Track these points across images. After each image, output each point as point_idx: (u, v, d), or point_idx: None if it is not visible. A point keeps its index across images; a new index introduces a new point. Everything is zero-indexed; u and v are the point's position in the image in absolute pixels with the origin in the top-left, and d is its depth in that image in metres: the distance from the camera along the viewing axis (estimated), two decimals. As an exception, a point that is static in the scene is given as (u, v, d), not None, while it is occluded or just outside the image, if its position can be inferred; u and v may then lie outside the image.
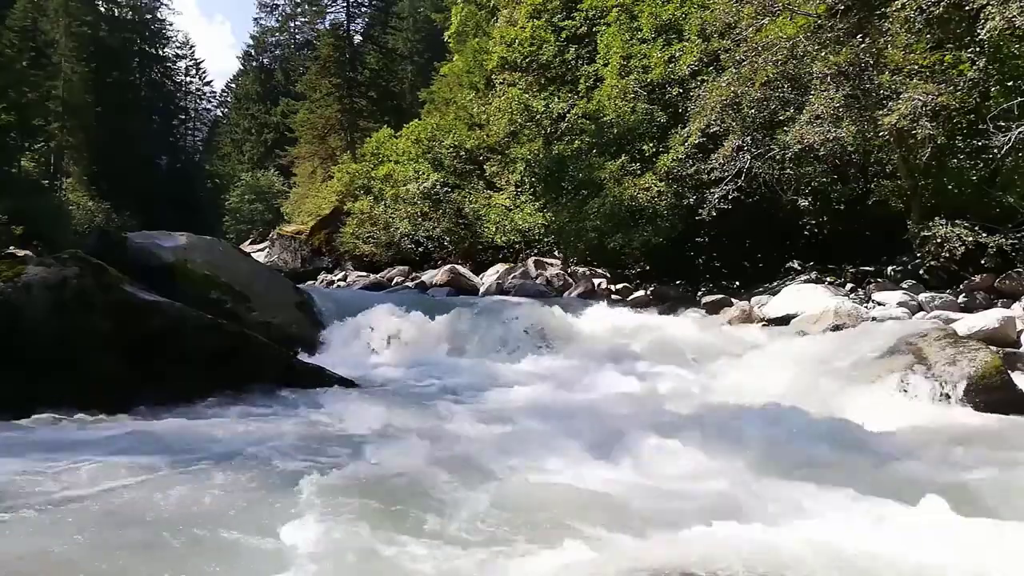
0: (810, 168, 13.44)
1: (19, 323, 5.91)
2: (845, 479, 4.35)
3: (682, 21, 16.20)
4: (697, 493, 4.07)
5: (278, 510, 3.66)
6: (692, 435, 5.16)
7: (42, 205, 27.23)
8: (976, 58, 10.90)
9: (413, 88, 40.82)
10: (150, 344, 6.33)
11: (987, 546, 3.24)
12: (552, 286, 15.99)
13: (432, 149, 21.69)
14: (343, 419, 5.86)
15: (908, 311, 10.29)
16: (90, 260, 6.57)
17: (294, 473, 4.28)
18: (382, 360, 9.16)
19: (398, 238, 23.02)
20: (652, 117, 16.33)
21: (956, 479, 4.39)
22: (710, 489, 4.14)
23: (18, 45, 31.85)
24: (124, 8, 53.12)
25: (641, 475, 4.44)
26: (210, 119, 62.17)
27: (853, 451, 4.99)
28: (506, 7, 22.96)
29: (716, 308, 12.31)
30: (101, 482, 4.07)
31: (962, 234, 11.03)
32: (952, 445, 5.15)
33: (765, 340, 9.48)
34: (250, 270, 10.35)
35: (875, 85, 11.64)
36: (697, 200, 14.21)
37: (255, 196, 42.35)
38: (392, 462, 4.52)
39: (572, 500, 3.86)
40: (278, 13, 56.12)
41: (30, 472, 4.22)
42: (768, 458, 4.74)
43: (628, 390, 7.36)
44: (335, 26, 44.96)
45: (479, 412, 6.11)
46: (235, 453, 4.67)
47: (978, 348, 6.75)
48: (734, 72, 13.29)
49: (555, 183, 17.09)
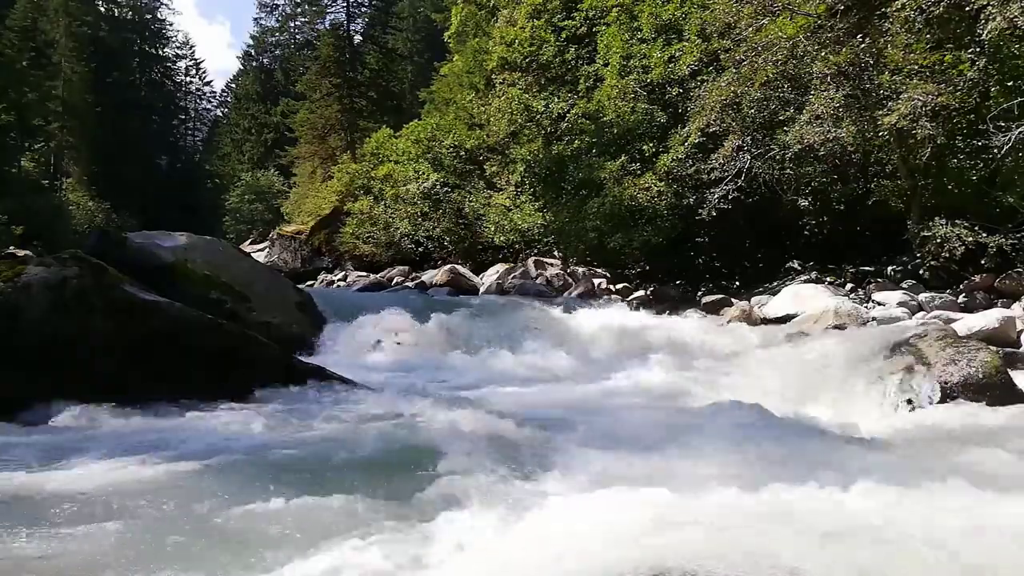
0: (810, 168, 13.45)
1: (19, 323, 5.91)
2: (846, 479, 4.35)
3: (682, 21, 16.20)
4: (697, 493, 4.07)
5: (277, 508, 3.67)
6: (691, 435, 5.16)
7: (42, 205, 27.22)
8: (976, 58, 10.91)
9: (413, 88, 40.81)
10: (150, 344, 6.33)
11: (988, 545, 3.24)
12: (552, 286, 15.99)
13: (432, 149, 21.69)
14: (343, 418, 5.87)
15: (908, 311, 10.29)
16: (90, 260, 6.57)
17: (293, 472, 4.28)
18: (382, 360, 9.16)
19: (398, 238, 23.04)
20: (652, 117, 16.34)
21: (957, 478, 4.40)
22: (710, 489, 4.14)
23: (18, 45, 31.87)
24: (124, 8, 53.20)
25: (640, 475, 4.44)
26: (210, 119, 62.26)
27: (853, 451, 4.99)
28: (506, 7, 22.96)
29: (716, 308, 12.32)
30: (101, 481, 4.07)
31: (962, 234, 11.04)
32: (952, 445, 5.16)
33: (765, 340, 9.48)
34: (250, 270, 10.35)
35: (875, 85, 11.64)
36: (697, 200, 14.22)
37: (255, 196, 42.33)
38: (391, 461, 4.52)
39: (571, 499, 3.86)
40: (278, 13, 56.20)
41: (31, 472, 4.23)
42: (768, 458, 4.74)
43: (627, 390, 7.37)
44: (335, 26, 44.99)
45: (479, 411, 6.11)
46: (235, 452, 4.68)
47: (978, 348, 6.75)
48: (734, 72, 13.30)
49: (555, 183, 17.09)
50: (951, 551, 3.10)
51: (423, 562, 3.15)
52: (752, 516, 3.42)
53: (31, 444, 4.90)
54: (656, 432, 5.23)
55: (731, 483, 3.93)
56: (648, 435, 5.10)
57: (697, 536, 3.17)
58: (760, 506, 3.59)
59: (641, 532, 3.20)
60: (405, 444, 4.98)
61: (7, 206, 22.39)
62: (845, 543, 3.16)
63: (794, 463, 4.67)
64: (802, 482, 3.94)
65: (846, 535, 3.24)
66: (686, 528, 3.25)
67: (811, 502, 3.64)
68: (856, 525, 3.34)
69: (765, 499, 3.67)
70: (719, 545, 3.05)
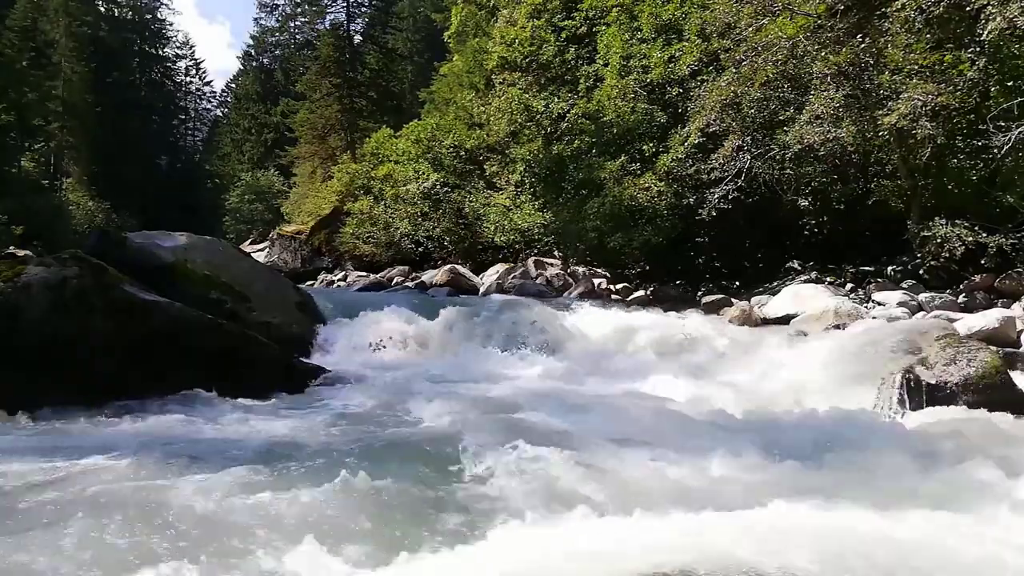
0: (810, 168, 13.44)
1: (19, 323, 5.91)
2: (846, 479, 4.36)
3: (682, 21, 16.19)
4: (696, 493, 4.07)
5: (276, 506, 3.67)
6: (691, 435, 5.17)
7: (42, 205, 27.20)
8: (976, 58, 10.90)
9: (413, 88, 40.77)
10: (150, 344, 6.34)
11: (988, 545, 3.24)
12: (552, 286, 16.00)
13: (432, 149, 21.68)
14: (342, 418, 5.87)
15: (908, 311, 10.29)
16: (90, 260, 6.57)
17: (292, 471, 4.29)
18: (382, 360, 9.15)
19: (398, 238, 23.03)
20: (652, 117, 16.33)
21: (957, 479, 4.40)
22: (709, 489, 4.14)
23: (18, 45, 31.84)
24: (124, 8, 53.18)
25: (638, 474, 4.44)
26: (210, 119, 62.22)
27: (854, 451, 5.00)
28: (506, 7, 22.94)
29: (716, 308, 12.30)
30: (102, 481, 4.08)
31: (962, 234, 11.03)
32: (953, 445, 5.15)
33: (765, 340, 9.47)
34: (250, 270, 10.34)
35: (875, 85, 11.64)
36: (697, 200, 14.21)
37: (255, 196, 42.31)
38: (390, 460, 4.52)
39: (571, 501, 3.86)
40: (278, 13, 56.16)
41: (31, 472, 4.23)
42: (768, 458, 4.75)
43: (626, 390, 7.37)
44: (335, 26, 44.96)
45: (478, 411, 6.11)
46: (235, 451, 4.69)
47: (978, 348, 6.75)
48: (734, 72, 13.29)
49: (555, 183, 17.09)
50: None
51: (423, 562, 3.15)
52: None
53: (31, 444, 4.91)
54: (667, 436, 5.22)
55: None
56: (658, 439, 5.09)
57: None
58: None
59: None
60: (406, 444, 4.99)
61: (7, 206, 22.38)
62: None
63: (795, 465, 4.68)
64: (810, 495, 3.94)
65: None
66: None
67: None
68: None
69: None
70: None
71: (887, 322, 9.26)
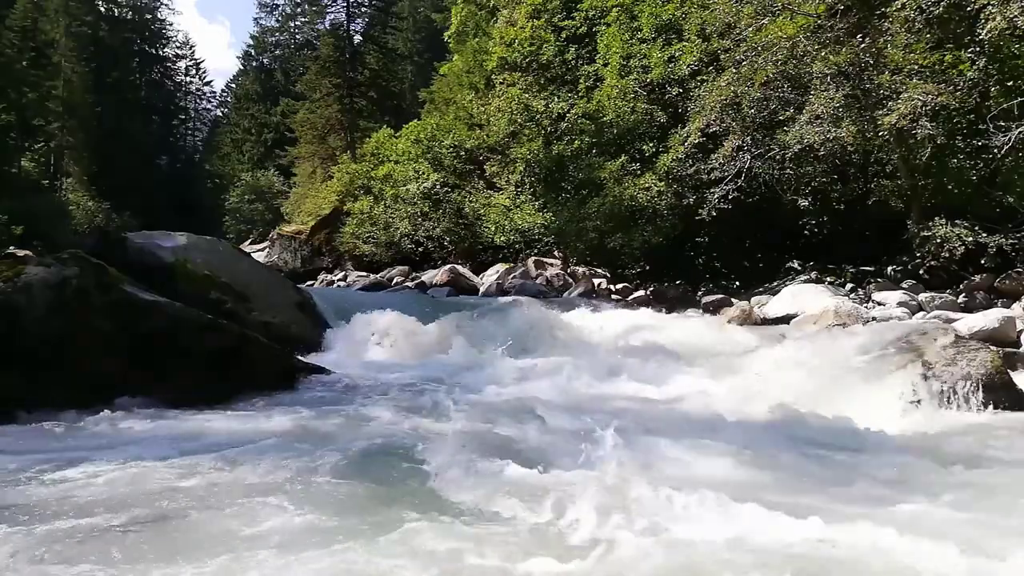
0: (810, 168, 13.44)
1: (19, 323, 5.91)
2: (847, 479, 4.36)
3: (682, 21, 16.19)
4: (696, 493, 4.06)
5: (275, 506, 3.67)
6: (691, 436, 5.16)
7: (42, 205, 27.15)
8: (976, 58, 10.90)
9: (413, 88, 40.80)
10: (150, 344, 6.33)
11: (989, 544, 3.24)
12: (552, 286, 16.00)
13: (432, 149, 21.69)
14: (343, 418, 5.86)
15: (908, 311, 10.29)
16: (90, 260, 6.57)
17: (291, 470, 4.29)
18: (382, 359, 9.14)
19: (398, 238, 23.04)
20: (652, 117, 16.33)
21: (957, 478, 4.39)
22: (709, 488, 4.13)
23: (18, 45, 31.78)
24: (124, 8, 53.12)
25: (638, 476, 4.43)
26: (210, 119, 62.21)
27: (854, 451, 5.00)
28: (506, 7, 22.94)
29: (716, 308, 12.31)
30: (101, 480, 4.08)
31: (962, 234, 11.04)
32: (953, 445, 5.16)
33: (765, 340, 9.46)
34: (250, 270, 10.35)
35: (875, 85, 11.63)
36: (697, 200, 14.22)
37: (255, 196, 42.33)
38: (392, 461, 4.52)
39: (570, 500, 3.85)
40: (278, 13, 56.18)
41: (31, 471, 4.23)
42: (768, 459, 4.74)
43: (625, 390, 7.36)
44: (335, 26, 44.91)
45: (477, 410, 6.10)
46: (234, 451, 4.68)
47: (978, 348, 6.74)
48: (734, 72, 13.29)
49: (555, 183, 17.09)
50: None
51: (423, 562, 3.15)
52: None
53: (31, 443, 4.91)
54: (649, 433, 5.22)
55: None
56: (639, 435, 5.09)
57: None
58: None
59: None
60: (406, 444, 4.98)
61: (7, 206, 22.33)
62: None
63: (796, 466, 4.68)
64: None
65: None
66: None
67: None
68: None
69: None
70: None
71: (887, 322, 9.26)
